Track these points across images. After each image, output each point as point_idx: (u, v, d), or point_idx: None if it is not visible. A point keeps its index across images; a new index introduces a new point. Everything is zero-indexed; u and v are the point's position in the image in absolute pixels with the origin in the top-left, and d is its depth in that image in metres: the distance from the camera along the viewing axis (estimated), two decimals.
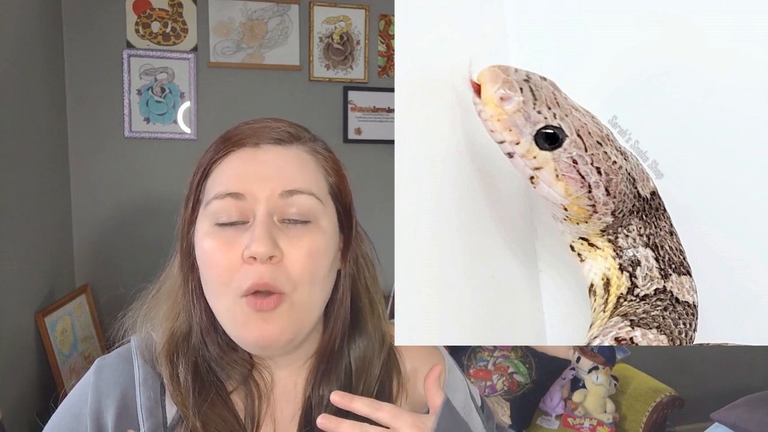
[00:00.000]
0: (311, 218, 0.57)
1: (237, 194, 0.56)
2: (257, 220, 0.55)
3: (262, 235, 0.54)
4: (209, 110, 2.23)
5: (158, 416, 0.57)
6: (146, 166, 2.20)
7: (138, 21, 2.15)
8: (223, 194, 0.56)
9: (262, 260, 0.54)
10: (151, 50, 2.16)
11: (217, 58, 2.23)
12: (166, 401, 0.58)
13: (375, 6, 2.36)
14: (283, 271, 0.55)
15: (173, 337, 0.61)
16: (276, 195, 0.56)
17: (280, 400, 0.62)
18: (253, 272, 0.54)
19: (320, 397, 0.61)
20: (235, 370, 0.60)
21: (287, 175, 0.57)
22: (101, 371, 0.60)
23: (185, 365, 0.59)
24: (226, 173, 0.58)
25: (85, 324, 2.01)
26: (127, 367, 0.60)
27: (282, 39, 2.29)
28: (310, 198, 0.57)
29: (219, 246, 0.56)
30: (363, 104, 2.39)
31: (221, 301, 0.57)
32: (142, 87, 2.17)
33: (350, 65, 2.37)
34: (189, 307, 0.61)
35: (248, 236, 0.55)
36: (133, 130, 2.17)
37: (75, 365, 1.87)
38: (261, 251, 0.53)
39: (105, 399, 0.58)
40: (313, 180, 0.59)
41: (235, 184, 0.56)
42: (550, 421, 2.08)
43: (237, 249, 0.55)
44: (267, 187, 0.56)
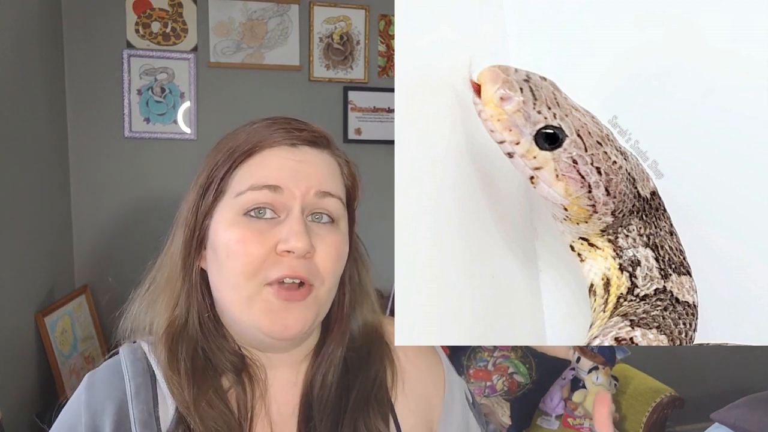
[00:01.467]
0: (336, 219, 0.60)
1: (275, 187, 0.57)
2: (293, 215, 0.57)
3: (301, 231, 0.56)
4: (209, 110, 2.23)
5: (153, 428, 0.57)
6: (146, 166, 2.20)
7: (138, 21, 2.15)
8: (261, 186, 0.57)
9: (300, 255, 0.56)
10: (151, 50, 2.16)
11: (217, 58, 2.23)
12: (160, 413, 0.58)
13: (375, 6, 2.36)
14: (313, 266, 0.57)
15: (171, 326, 0.61)
16: (311, 193, 0.58)
17: (277, 399, 0.62)
18: (286, 264, 0.56)
19: (320, 393, 0.62)
20: (229, 361, 0.60)
21: (322, 177, 0.60)
22: (92, 388, 0.60)
23: (184, 353, 0.59)
24: (264, 167, 0.59)
25: (85, 324, 2.01)
26: (118, 381, 0.59)
27: (282, 39, 2.29)
28: (338, 202, 0.60)
29: (250, 236, 0.56)
30: (363, 104, 2.39)
31: (240, 291, 0.57)
32: (142, 87, 2.17)
33: (350, 65, 2.37)
34: (188, 294, 0.61)
35: (284, 230, 0.56)
36: (133, 130, 2.17)
37: (75, 365, 1.87)
38: (300, 246, 0.55)
39: (99, 416, 0.57)
40: (339, 184, 0.62)
41: (273, 178, 0.58)
42: (550, 421, 2.08)
43: (269, 240, 0.56)
44: (304, 185, 0.58)
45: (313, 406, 0.61)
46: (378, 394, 0.63)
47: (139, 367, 0.60)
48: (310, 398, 0.62)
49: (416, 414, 0.66)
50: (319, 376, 0.62)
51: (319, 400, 0.61)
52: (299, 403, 0.62)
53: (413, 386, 0.67)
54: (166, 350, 0.59)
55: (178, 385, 0.58)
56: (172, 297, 0.62)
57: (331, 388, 0.62)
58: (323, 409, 0.61)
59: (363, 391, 0.62)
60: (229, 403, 0.59)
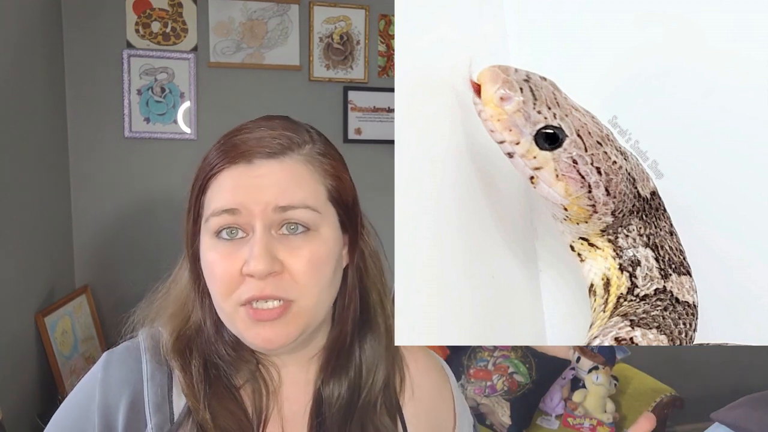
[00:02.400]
0: (313, 226, 0.58)
1: (232, 210, 0.56)
2: (256, 236, 0.56)
3: (260, 253, 0.55)
4: (209, 110, 2.23)
5: (165, 412, 0.58)
6: (146, 166, 2.20)
7: (138, 21, 2.15)
8: (219, 211, 0.57)
9: (261, 277, 0.55)
10: (151, 50, 2.16)
11: (217, 58, 2.23)
12: (174, 397, 0.59)
13: (375, 6, 2.36)
14: (285, 280, 0.56)
15: (183, 334, 0.62)
16: (269, 210, 0.56)
17: (289, 397, 0.63)
18: (254, 285, 0.55)
19: (331, 391, 0.62)
20: (243, 366, 0.61)
21: (280, 190, 0.57)
22: (109, 366, 0.60)
23: (197, 359, 0.60)
24: (221, 190, 0.58)
25: (86, 325, 2.01)
26: (136, 362, 0.60)
27: (282, 39, 2.29)
28: (305, 211, 0.57)
29: (219, 259, 0.57)
30: (363, 104, 2.39)
31: (221, 310, 0.59)
32: (142, 87, 2.17)
33: (350, 65, 2.37)
34: (198, 310, 0.62)
35: (247, 251, 0.56)
36: (133, 130, 2.17)
37: (75, 366, 1.87)
38: (259, 269, 0.54)
39: (115, 396, 0.58)
40: (308, 192, 0.58)
41: (229, 201, 0.57)
42: (550, 421, 2.08)
43: (237, 262, 0.56)
44: (261, 203, 0.56)
45: (324, 404, 0.62)
46: (387, 393, 0.64)
47: (157, 352, 0.61)
48: (322, 397, 0.62)
49: (424, 424, 0.66)
50: (330, 375, 0.63)
51: (330, 399, 0.62)
52: (311, 400, 0.63)
53: (422, 398, 0.67)
54: (179, 355, 0.60)
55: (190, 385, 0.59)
56: (185, 310, 0.63)
57: (342, 387, 0.62)
58: (335, 407, 0.61)
59: (373, 389, 0.63)
60: (242, 401, 0.60)
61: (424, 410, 0.67)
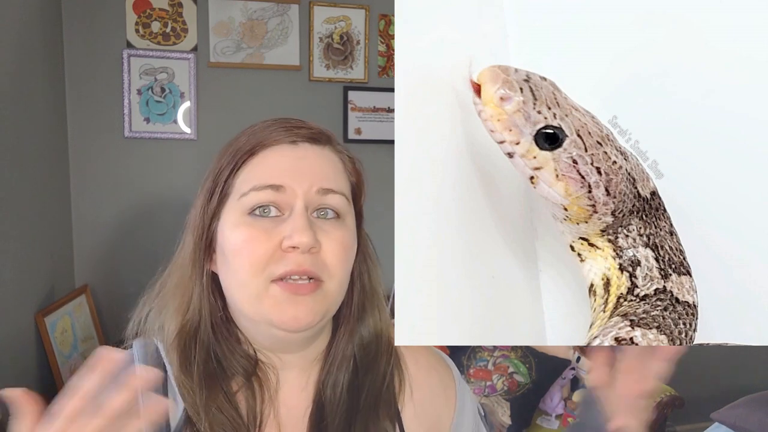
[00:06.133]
0: (341, 215, 0.60)
1: (277, 186, 0.58)
2: (296, 212, 0.57)
3: (304, 226, 0.56)
4: (209, 110, 2.23)
5: (161, 423, 0.57)
6: (146, 166, 2.20)
7: (138, 21, 2.15)
8: (263, 186, 0.58)
9: (304, 250, 0.56)
10: (151, 50, 2.16)
11: (217, 58, 2.23)
12: (169, 407, 0.58)
13: (375, 6, 2.36)
14: (320, 260, 0.57)
15: (184, 330, 0.61)
16: (313, 191, 0.59)
17: (287, 402, 0.62)
18: (292, 260, 0.56)
19: (332, 394, 0.62)
20: (240, 364, 0.61)
21: (324, 174, 0.60)
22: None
23: (197, 356, 0.60)
24: (265, 167, 0.59)
25: (86, 324, 2.01)
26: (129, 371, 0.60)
27: (282, 39, 2.28)
28: (342, 198, 0.61)
29: (256, 234, 0.57)
30: (363, 104, 2.39)
31: (248, 288, 0.58)
32: (142, 87, 2.17)
33: (350, 65, 2.37)
34: (200, 297, 0.62)
35: (288, 227, 0.57)
36: (133, 130, 2.17)
37: (75, 366, 1.87)
38: (304, 241, 0.56)
39: None
40: (342, 180, 0.62)
41: (275, 177, 0.58)
42: (550, 420, 2.08)
43: (274, 238, 0.57)
44: (305, 183, 0.58)
45: (325, 407, 0.61)
46: (386, 395, 0.64)
47: (151, 363, 0.61)
48: (323, 400, 0.62)
49: (423, 424, 0.66)
50: (331, 377, 0.63)
51: (332, 402, 0.62)
52: (311, 404, 0.62)
53: (423, 399, 0.67)
54: (179, 354, 0.60)
55: (189, 389, 0.58)
56: (184, 301, 0.62)
57: (343, 389, 0.62)
58: (336, 410, 0.61)
59: (372, 391, 0.63)
60: (239, 407, 0.59)
61: (424, 411, 0.67)
